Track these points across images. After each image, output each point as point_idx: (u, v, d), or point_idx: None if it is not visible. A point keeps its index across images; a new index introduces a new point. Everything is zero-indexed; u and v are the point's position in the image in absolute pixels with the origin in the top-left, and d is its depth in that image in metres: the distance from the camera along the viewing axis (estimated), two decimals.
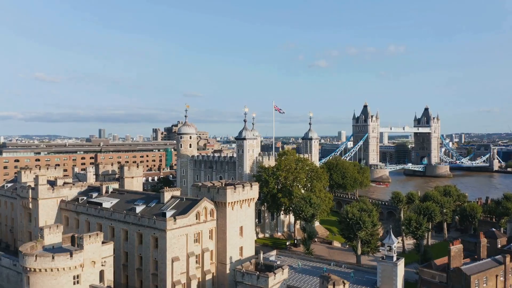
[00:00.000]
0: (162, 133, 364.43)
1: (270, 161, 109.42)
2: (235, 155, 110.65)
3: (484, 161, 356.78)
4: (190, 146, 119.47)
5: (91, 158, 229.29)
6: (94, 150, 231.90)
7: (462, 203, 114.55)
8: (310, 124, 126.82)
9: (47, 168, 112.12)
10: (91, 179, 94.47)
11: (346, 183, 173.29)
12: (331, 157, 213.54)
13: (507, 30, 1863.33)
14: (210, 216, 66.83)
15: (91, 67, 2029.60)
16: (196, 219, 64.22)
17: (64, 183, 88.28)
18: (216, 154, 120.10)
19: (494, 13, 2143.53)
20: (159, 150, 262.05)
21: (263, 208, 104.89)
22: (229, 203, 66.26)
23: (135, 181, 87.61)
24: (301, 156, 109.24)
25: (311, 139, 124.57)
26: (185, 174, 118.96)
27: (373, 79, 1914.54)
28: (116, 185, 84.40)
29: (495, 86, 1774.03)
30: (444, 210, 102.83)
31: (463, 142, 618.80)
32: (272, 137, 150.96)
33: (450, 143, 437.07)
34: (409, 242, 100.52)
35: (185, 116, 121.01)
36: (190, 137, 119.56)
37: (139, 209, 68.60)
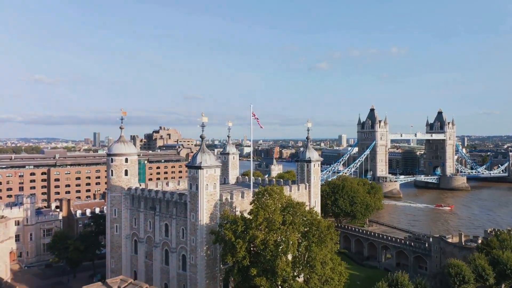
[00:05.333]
0: (141, 141, 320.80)
1: (244, 200, 69.00)
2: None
3: (502, 170, 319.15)
4: (126, 174, 78.61)
5: (42, 173, 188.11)
6: (47, 164, 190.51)
7: None
8: (307, 139, 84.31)
9: None
10: None
11: (356, 211, 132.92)
12: (336, 177, 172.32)
13: (507, 31, 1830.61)
14: None
15: (91, 70, 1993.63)
16: None
17: None
18: (164, 188, 79.54)
19: (495, 15, 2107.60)
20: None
21: (231, 278, 64.62)
22: None
23: None
24: (293, 198, 65.39)
25: (309, 161, 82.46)
26: (118, 216, 78.24)
27: (375, 81, 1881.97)
28: None
29: (495, 88, 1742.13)
30: None
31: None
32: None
33: (464, 149, 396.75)
34: None
35: (120, 128, 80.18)
36: (127, 160, 78.70)
37: None
